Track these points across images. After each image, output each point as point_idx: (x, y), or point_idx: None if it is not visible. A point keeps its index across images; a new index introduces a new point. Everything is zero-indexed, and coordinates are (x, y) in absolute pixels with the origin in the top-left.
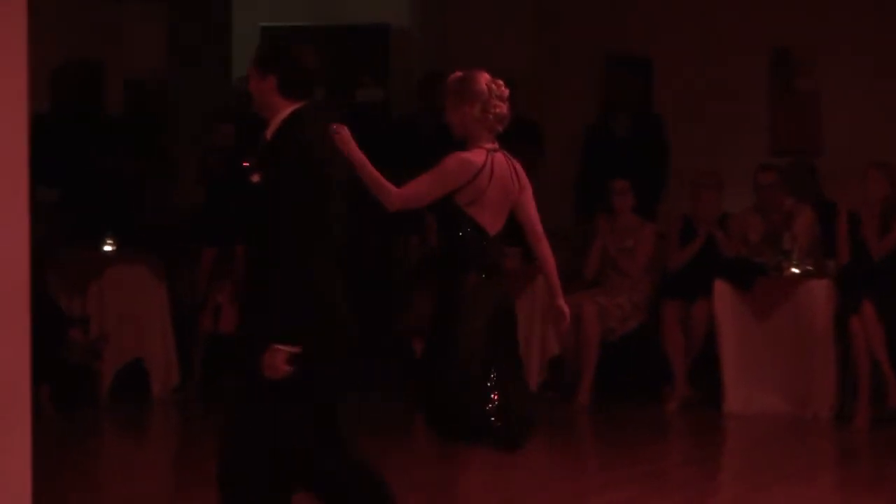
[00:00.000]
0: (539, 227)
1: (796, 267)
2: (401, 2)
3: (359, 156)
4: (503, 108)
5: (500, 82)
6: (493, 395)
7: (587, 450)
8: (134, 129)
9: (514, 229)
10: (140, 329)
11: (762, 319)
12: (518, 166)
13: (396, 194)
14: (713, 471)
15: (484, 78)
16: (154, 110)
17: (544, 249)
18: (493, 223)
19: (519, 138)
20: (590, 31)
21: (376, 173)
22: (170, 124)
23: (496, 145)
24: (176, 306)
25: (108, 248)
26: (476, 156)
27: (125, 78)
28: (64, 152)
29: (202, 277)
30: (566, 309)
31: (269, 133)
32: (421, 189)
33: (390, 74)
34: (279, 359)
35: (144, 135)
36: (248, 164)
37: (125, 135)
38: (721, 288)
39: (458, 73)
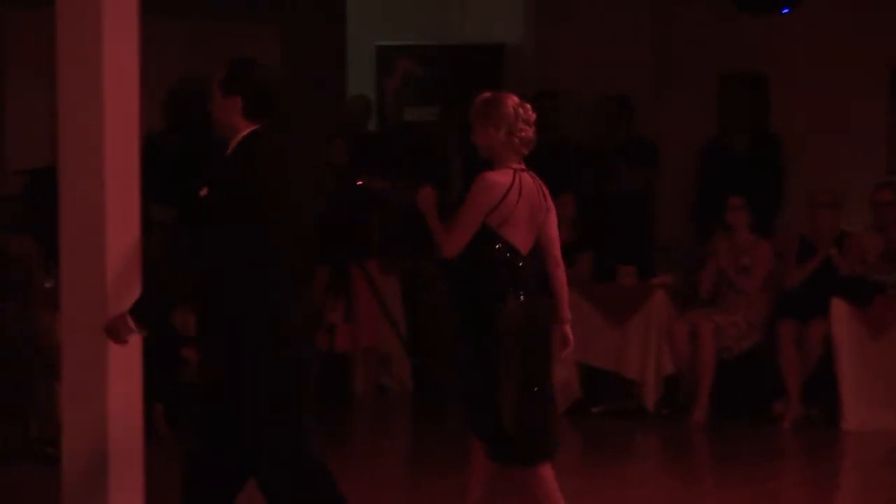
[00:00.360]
0: (558, 252)
1: None
2: (516, 21)
3: (435, 221)
4: (529, 132)
5: (528, 106)
6: (531, 412)
7: (702, 469)
8: None
9: (630, 248)
10: None
11: (880, 337)
12: (545, 188)
13: (450, 246)
14: (828, 490)
15: (511, 101)
16: None
17: (561, 275)
18: (524, 243)
19: (635, 158)
20: (704, 49)
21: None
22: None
23: (523, 166)
24: None
25: None
26: (503, 176)
27: None
28: (179, 171)
29: (316, 296)
30: (571, 337)
31: (228, 151)
32: (466, 228)
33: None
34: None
35: None
36: (360, 181)
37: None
38: (838, 306)
39: (486, 95)
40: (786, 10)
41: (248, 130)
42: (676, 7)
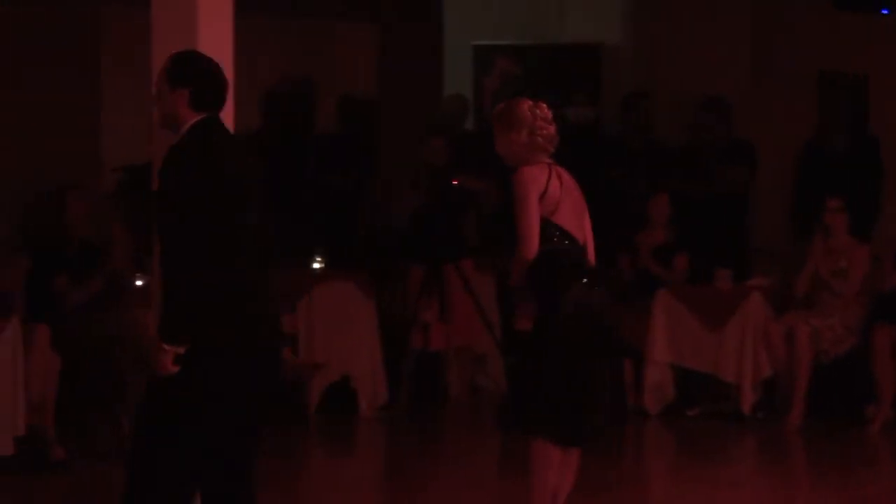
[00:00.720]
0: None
1: None
2: (613, 22)
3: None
4: (551, 129)
5: (543, 104)
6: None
7: (798, 472)
8: (346, 147)
9: (727, 249)
10: (348, 346)
11: None
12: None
13: (526, 248)
14: None
15: (525, 104)
16: (365, 127)
17: None
18: (578, 232)
19: (733, 159)
20: (803, 48)
21: (515, 267)
22: (382, 141)
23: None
24: (384, 323)
25: (317, 265)
26: (538, 168)
27: (338, 96)
28: (276, 169)
29: (411, 295)
30: None
31: (175, 141)
32: (531, 224)
33: (601, 93)
34: (165, 358)
35: (356, 152)
36: (456, 181)
37: (337, 152)
38: None
39: (500, 106)
40: (885, 12)
41: (195, 119)
42: (775, 6)
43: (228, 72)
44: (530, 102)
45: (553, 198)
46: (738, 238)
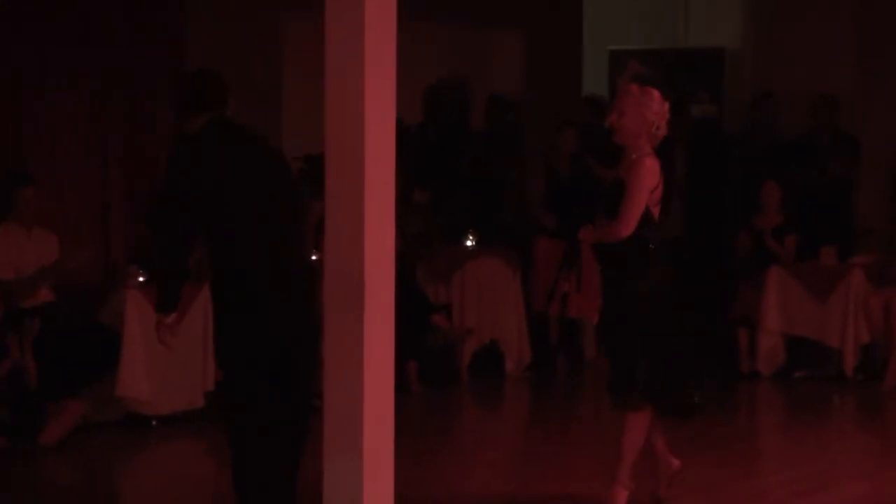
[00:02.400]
0: None
1: None
2: (735, 27)
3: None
4: (664, 129)
5: (666, 104)
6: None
7: (894, 427)
8: (496, 139)
9: (833, 231)
10: (496, 314)
11: None
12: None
13: (624, 228)
14: None
15: (658, 95)
16: (513, 122)
17: None
18: (663, 218)
19: (841, 150)
20: None
21: (601, 232)
22: (527, 135)
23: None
24: (528, 294)
25: (469, 243)
26: (656, 162)
27: (488, 95)
28: (436, 160)
29: (540, 267)
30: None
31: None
32: (637, 208)
33: (724, 93)
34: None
35: (504, 143)
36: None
37: (488, 144)
38: None
39: (637, 86)
40: None
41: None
42: (878, 14)
43: (392, 74)
44: (661, 95)
45: (658, 192)
46: (842, 220)
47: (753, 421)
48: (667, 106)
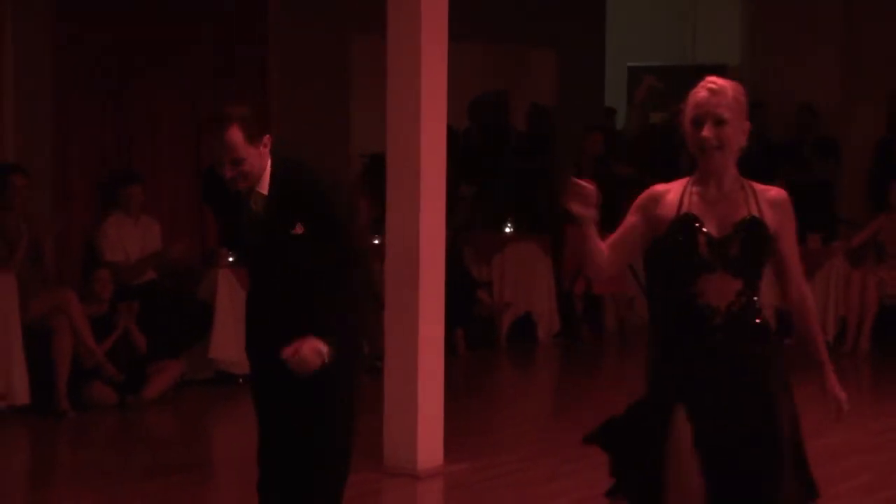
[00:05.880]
0: None
1: None
2: (734, 47)
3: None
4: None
5: None
6: None
7: (866, 386)
8: (533, 140)
9: (818, 220)
10: (530, 290)
11: None
12: None
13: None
14: None
15: None
16: (548, 126)
17: None
18: None
19: (823, 152)
20: (882, 66)
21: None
22: (558, 137)
23: None
24: (557, 274)
25: (508, 229)
26: None
27: (527, 104)
28: (480, 159)
29: (570, 251)
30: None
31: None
32: None
33: None
34: None
35: (540, 144)
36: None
37: (527, 144)
38: None
39: (731, 83)
40: None
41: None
42: (861, 35)
43: (443, 86)
44: None
45: None
46: (826, 211)
47: None
48: None
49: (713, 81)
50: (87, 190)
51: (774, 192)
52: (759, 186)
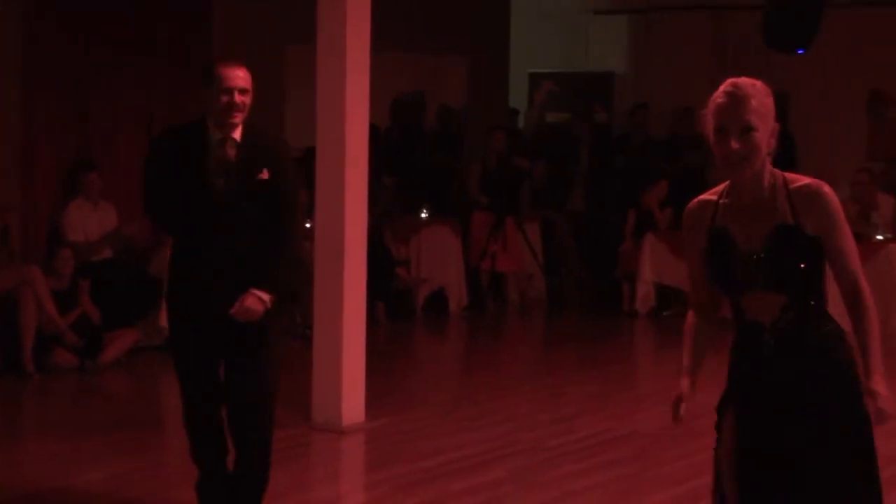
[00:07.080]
0: None
1: (881, 234)
2: (621, 57)
3: None
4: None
5: None
6: None
7: None
8: (444, 138)
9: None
10: (443, 267)
11: None
12: None
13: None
14: None
15: None
16: (457, 126)
17: None
18: None
19: (694, 147)
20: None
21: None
22: (468, 135)
23: None
24: (466, 253)
25: (424, 215)
26: None
27: (438, 104)
28: (399, 154)
29: (475, 234)
30: None
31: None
32: None
33: (613, 106)
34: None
35: (450, 142)
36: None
37: (438, 141)
38: None
39: (754, 82)
40: (801, 52)
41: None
42: (729, 47)
43: (366, 89)
44: None
45: None
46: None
47: (631, 347)
48: None
49: (734, 84)
50: (51, 177)
51: (807, 185)
52: (793, 184)
